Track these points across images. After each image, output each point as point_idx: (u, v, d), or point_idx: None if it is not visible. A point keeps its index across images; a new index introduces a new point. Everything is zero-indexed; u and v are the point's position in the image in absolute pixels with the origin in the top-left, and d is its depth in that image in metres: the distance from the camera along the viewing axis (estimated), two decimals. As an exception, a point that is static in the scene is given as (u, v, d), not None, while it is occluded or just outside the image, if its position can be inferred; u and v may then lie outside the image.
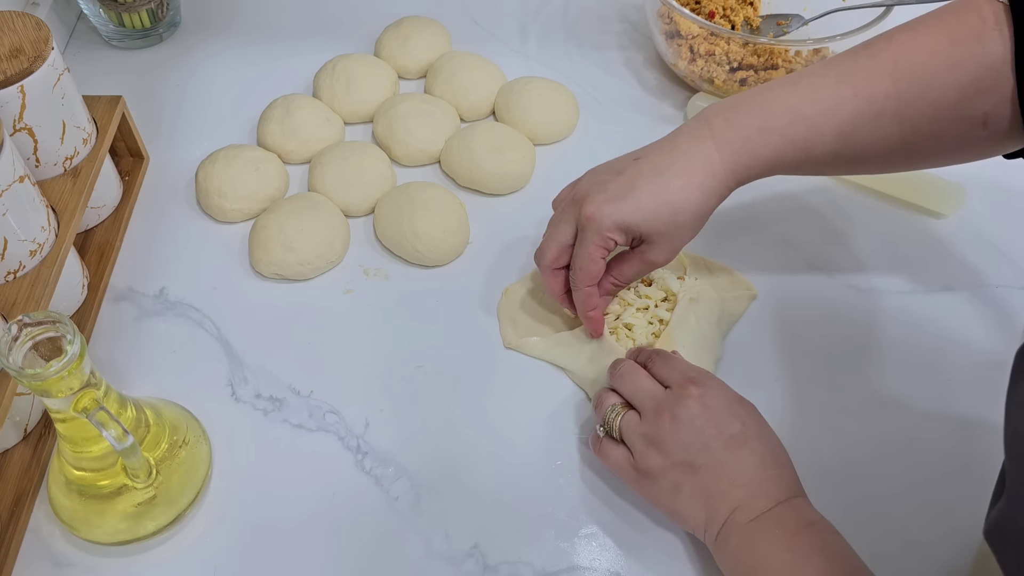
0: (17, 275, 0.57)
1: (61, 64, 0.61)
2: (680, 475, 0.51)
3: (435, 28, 0.84)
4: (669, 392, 0.53)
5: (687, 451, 0.51)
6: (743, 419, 0.52)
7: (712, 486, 0.50)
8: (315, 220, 0.68)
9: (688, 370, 0.54)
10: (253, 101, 0.79)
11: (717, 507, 0.50)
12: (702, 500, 0.50)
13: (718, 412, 0.51)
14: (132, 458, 0.48)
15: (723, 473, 0.50)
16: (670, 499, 0.52)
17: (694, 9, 0.83)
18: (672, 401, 0.52)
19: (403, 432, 0.60)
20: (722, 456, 0.50)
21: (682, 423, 0.51)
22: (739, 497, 0.49)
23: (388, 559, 0.54)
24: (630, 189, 0.55)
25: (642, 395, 0.54)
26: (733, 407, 0.52)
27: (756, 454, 0.50)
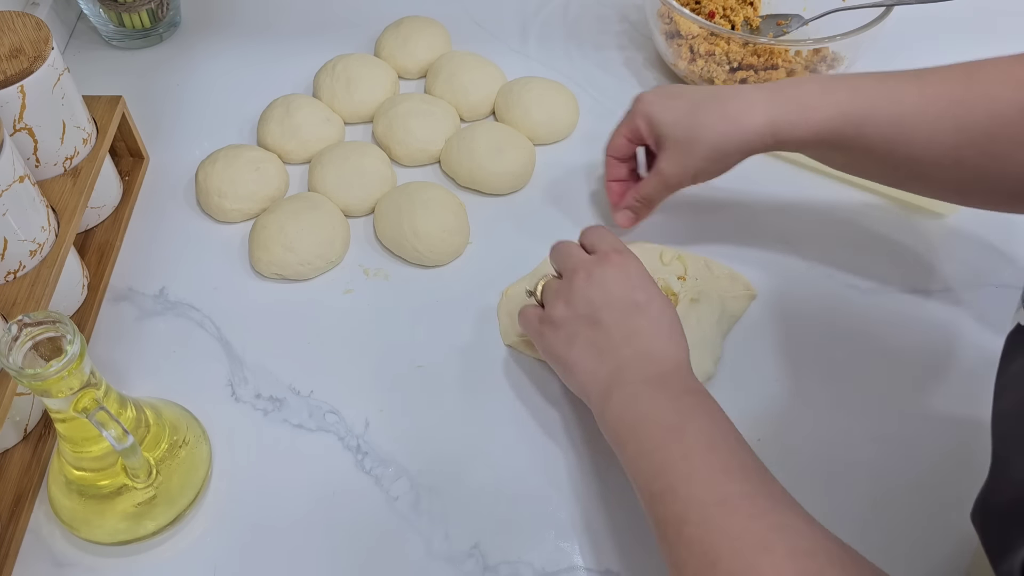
0: (17, 275, 0.57)
1: (61, 64, 0.61)
2: (578, 327, 0.53)
3: (435, 28, 0.84)
4: (592, 256, 0.56)
5: (591, 305, 0.53)
6: (651, 293, 0.54)
7: (605, 342, 0.52)
8: (315, 220, 0.68)
9: (616, 243, 0.57)
10: (253, 101, 0.79)
11: (605, 361, 0.52)
12: (594, 353, 0.52)
13: (629, 280, 0.54)
14: (132, 458, 0.48)
15: (618, 332, 0.52)
16: (564, 347, 0.54)
17: (694, 9, 0.83)
18: (591, 263, 0.55)
19: (403, 432, 0.60)
20: (621, 317, 0.53)
21: (594, 281, 0.54)
22: (627, 356, 0.51)
23: (388, 559, 0.54)
24: (678, 95, 0.60)
25: (567, 260, 0.57)
26: (645, 281, 0.55)
27: (654, 323, 0.53)
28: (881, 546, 0.54)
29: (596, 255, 0.56)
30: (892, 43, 0.82)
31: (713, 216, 0.73)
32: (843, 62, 0.76)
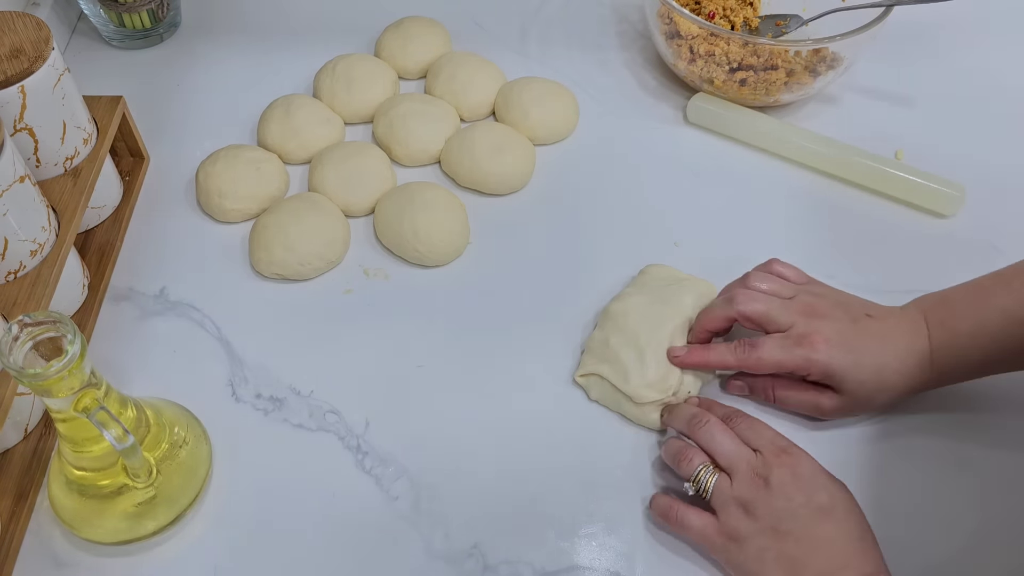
0: (18, 275, 0.58)
1: (61, 64, 0.61)
2: (767, 541, 0.50)
3: (435, 28, 0.84)
4: (761, 456, 0.53)
5: (777, 517, 0.50)
6: (831, 491, 0.51)
7: (797, 553, 0.50)
8: (315, 220, 0.68)
9: (777, 438, 0.54)
10: (253, 101, 0.79)
11: (800, 574, 0.49)
12: (786, 567, 0.50)
13: (808, 481, 0.51)
14: (132, 458, 0.48)
15: (809, 542, 0.50)
16: (755, 565, 0.51)
17: (694, 10, 0.83)
18: (765, 467, 0.52)
19: (403, 432, 0.60)
20: (809, 525, 0.50)
21: (775, 489, 0.51)
22: (822, 568, 0.49)
23: (388, 559, 0.54)
24: (856, 347, 0.56)
25: (734, 457, 0.53)
26: (821, 479, 0.52)
27: (843, 526, 0.50)
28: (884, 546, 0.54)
29: (765, 457, 0.53)
30: (892, 43, 0.82)
31: (713, 216, 0.73)
32: (843, 62, 0.76)
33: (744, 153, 0.78)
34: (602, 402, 0.61)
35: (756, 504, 0.51)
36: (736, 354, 0.58)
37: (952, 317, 0.56)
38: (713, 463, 0.54)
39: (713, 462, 0.54)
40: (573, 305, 0.66)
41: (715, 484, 0.53)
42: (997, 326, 0.55)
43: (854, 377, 0.56)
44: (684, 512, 0.54)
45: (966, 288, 0.58)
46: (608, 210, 0.73)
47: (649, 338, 0.60)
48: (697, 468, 0.54)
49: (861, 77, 0.84)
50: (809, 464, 0.53)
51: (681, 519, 0.54)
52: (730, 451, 0.54)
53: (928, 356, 0.56)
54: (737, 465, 0.53)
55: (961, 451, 0.59)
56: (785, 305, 0.58)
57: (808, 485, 0.51)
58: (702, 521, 0.53)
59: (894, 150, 0.77)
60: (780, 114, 0.81)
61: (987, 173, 0.75)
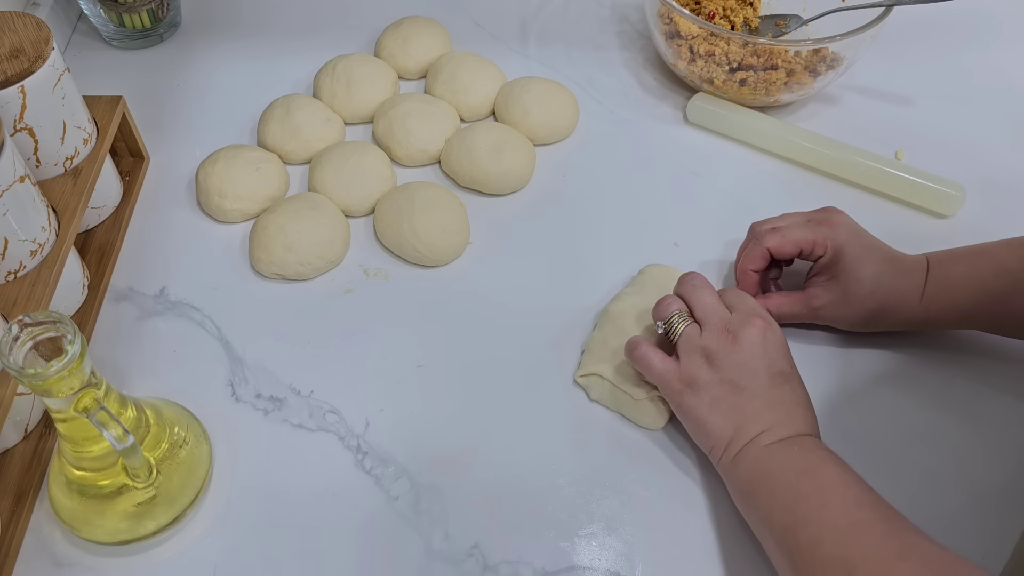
0: (18, 275, 0.58)
1: (61, 64, 0.61)
2: (723, 391, 0.54)
3: (435, 28, 0.84)
4: (736, 315, 0.56)
5: (738, 371, 0.54)
6: (791, 362, 0.55)
7: (748, 407, 0.53)
8: (315, 220, 0.68)
9: (757, 307, 0.57)
10: (253, 101, 0.79)
11: (746, 426, 0.53)
12: (735, 418, 0.53)
13: (774, 347, 0.55)
14: (132, 458, 0.48)
15: (763, 399, 0.53)
16: (705, 411, 0.54)
17: (694, 10, 0.83)
18: (738, 324, 0.55)
19: (403, 432, 0.60)
20: (766, 384, 0.53)
21: (742, 345, 0.54)
22: (768, 421, 0.52)
23: (388, 559, 0.54)
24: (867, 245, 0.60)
25: (710, 310, 0.56)
26: (786, 350, 0.56)
27: (796, 393, 0.54)
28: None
29: (739, 315, 0.55)
30: (892, 43, 0.82)
31: (713, 216, 0.73)
32: (843, 62, 0.76)
33: (744, 153, 0.78)
34: (602, 402, 0.61)
35: (720, 355, 0.54)
36: (761, 240, 0.62)
37: (950, 260, 0.60)
38: (690, 315, 0.57)
39: (691, 314, 0.57)
40: (573, 305, 0.66)
41: (684, 330, 0.56)
42: (988, 273, 0.58)
43: (857, 269, 0.59)
44: (648, 350, 0.57)
45: (971, 246, 0.61)
46: (608, 210, 0.73)
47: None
48: (672, 312, 0.57)
49: (861, 77, 0.84)
50: (779, 333, 0.55)
51: (645, 356, 0.57)
52: (707, 304, 0.57)
53: (922, 288, 0.59)
54: (710, 318, 0.56)
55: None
56: (801, 212, 0.64)
57: (774, 350, 0.54)
58: (664, 364, 0.56)
59: (894, 150, 0.78)
60: (780, 114, 0.81)
61: (987, 173, 0.75)
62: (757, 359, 0.54)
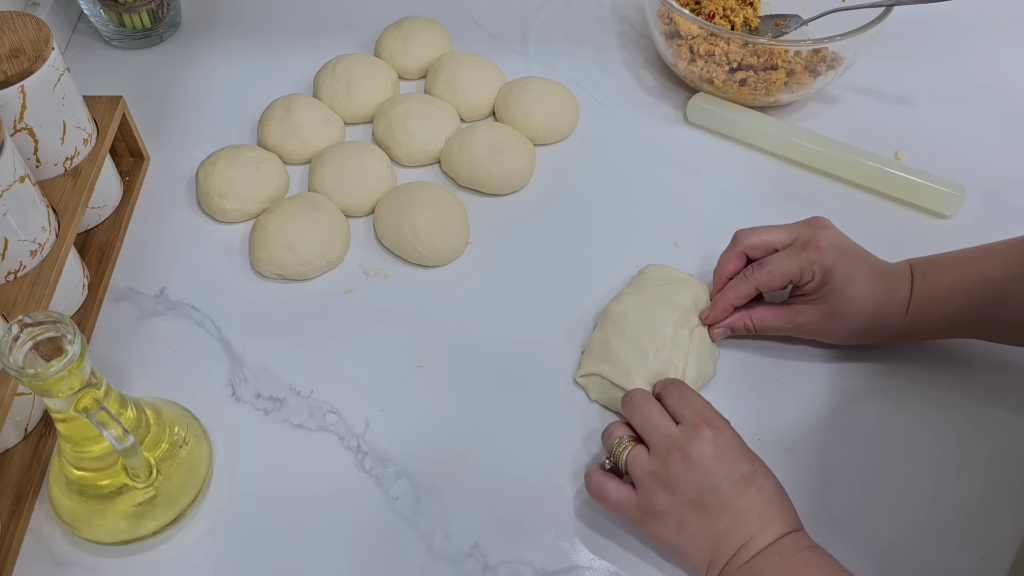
0: (18, 275, 0.58)
1: (61, 64, 0.61)
2: (688, 514, 0.51)
3: (435, 28, 0.84)
4: (681, 429, 0.52)
5: (696, 491, 0.50)
6: (752, 460, 0.52)
7: (719, 524, 0.50)
8: (315, 220, 0.68)
9: (702, 408, 0.53)
10: (253, 101, 0.79)
11: (722, 545, 0.50)
12: (708, 538, 0.50)
13: (729, 453, 0.51)
14: (132, 458, 0.48)
15: (731, 512, 0.50)
16: (675, 536, 0.51)
17: (694, 10, 0.83)
18: (684, 440, 0.51)
19: (403, 432, 0.60)
20: (731, 496, 0.50)
21: (694, 463, 0.51)
22: (744, 535, 0.50)
23: (388, 559, 0.54)
24: (854, 261, 0.59)
25: (652, 430, 0.53)
26: (743, 450, 0.52)
27: (763, 492, 0.51)
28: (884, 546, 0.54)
29: (686, 429, 0.52)
30: (892, 43, 0.82)
31: (712, 216, 0.73)
32: (843, 62, 0.76)
33: (744, 153, 0.78)
34: (602, 402, 0.61)
35: (674, 479, 0.51)
36: (749, 279, 0.60)
37: (935, 271, 0.59)
38: (635, 437, 0.54)
39: (636, 436, 0.54)
40: (573, 305, 0.66)
41: (629, 456, 0.53)
42: (974, 282, 0.58)
43: (845, 289, 0.58)
44: (603, 483, 0.53)
45: (954, 252, 0.60)
46: (608, 210, 0.73)
47: (650, 338, 0.60)
48: (615, 439, 0.54)
49: (861, 77, 0.84)
50: (730, 435, 0.53)
51: (600, 489, 0.53)
52: (648, 423, 0.53)
53: (907, 300, 0.59)
54: (654, 439, 0.52)
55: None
56: (786, 225, 0.62)
57: (730, 457, 0.51)
58: (619, 494, 0.53)
59: (894, 150, 0.78)
60: (780, 114, 0.81)
61: (987, 173, 0.75)
62: (714, 473, 0.50)
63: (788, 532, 0.50)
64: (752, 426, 0.60)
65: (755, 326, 0.62)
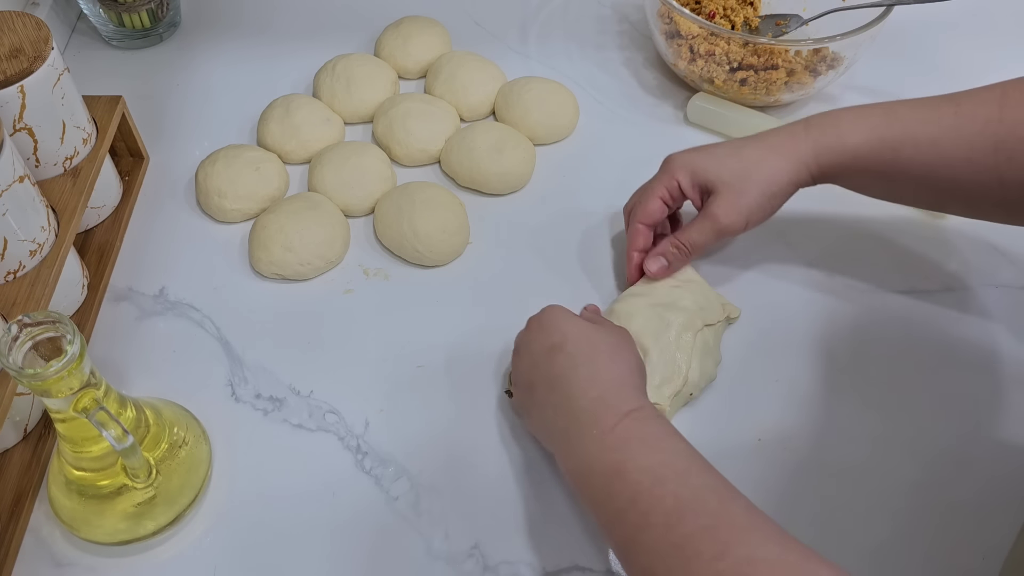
0: (17, 275, 0.57)
1: (61, 64, 0.61)
2: (525, 398, 0.54)
3: (435, 28, 0.84)
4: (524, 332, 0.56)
5: (524, 375, 0.54)
6: (564, 330, 0.53)
7: (543, 400, 0.52)
8: (315, 220, 0.68)
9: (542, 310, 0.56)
10: (253, 101, 0.79)
11: (549, 420, 0.51)
12: (542, 417, 0.52)
13: (542, 330, 0.53)
14: (132, 458, 0.48)
15: (545, 386, 0.52)
16: (528, 422, 0.54)
17: (694, 9, 0.83)
18: (519, 337, 0.56)
19: (403, 432, 0.60)
20: (545, 370, 0.52)
21: (520, 352, 0.55)
22: (556, 404, 0.50)
23: (388, 559, 0.54)
24: (711, 148, 0.60)
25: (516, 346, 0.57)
26: (556, 320, 0.53)
27: (572, 360, 0.51)
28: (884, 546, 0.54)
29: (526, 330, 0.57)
30: (892, 43, 0.82)
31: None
32: (843, 62, 0.76)
33: (744, 153, 0.78)
34: None
35: (515, 372, 0.55)
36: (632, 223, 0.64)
37: (836, 113, 0.58)
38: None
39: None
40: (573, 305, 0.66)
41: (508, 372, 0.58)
42: (879, 120, 0.56)
43: (712, 165, 0.59)
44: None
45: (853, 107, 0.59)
46: (608, 210, 0.73)
47: (653, 340, 0.59)
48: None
49: (861, 77, 0.84)
50: (550, 313, 0.54)
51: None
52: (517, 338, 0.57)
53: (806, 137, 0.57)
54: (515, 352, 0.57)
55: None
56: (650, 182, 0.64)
57: (543, 332, 0.52)
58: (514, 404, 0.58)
59: (894, 150, 0.77)
60: (780, 114, 0.81)
61: (987, 173, 0.75)
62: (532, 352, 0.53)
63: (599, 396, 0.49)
64: (752, 426, 0.60)
65: (683, 243, 0.62)
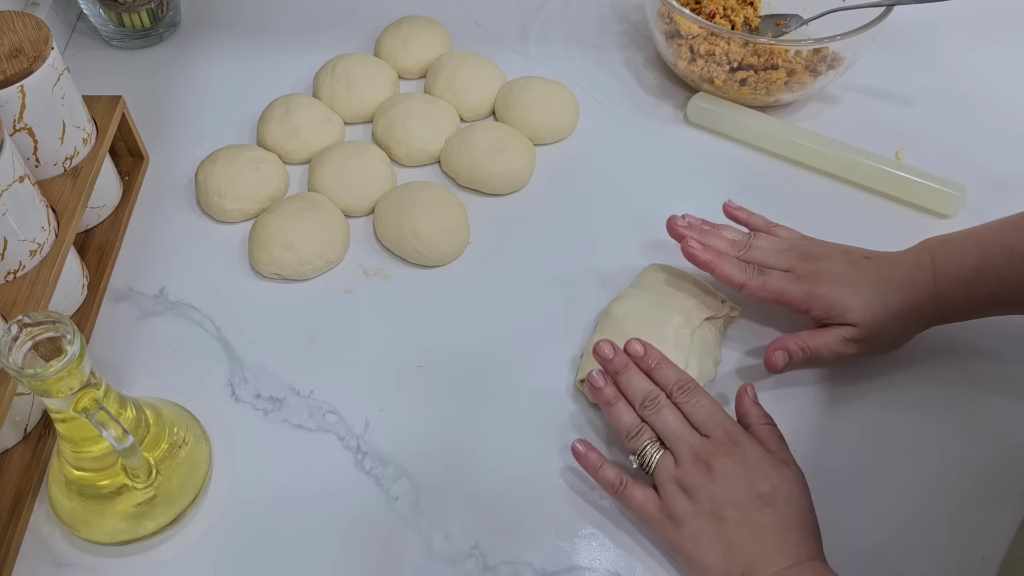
0: (17, 275, 0.57)
1: (61, 64, 0.61)
2: (705, 523, 0.51)
3: (435, 28, 0.84)
4: (707, 442, 0.53)
5: (716, 502, 0.51)
6: (774, 481, 0.52)
7: (733, 537, 0.50)
8: (315, 220, 0.68)
9: (726, 423, 0.54)
10: (253, 101, 0.79)
11: (735, 558, 0.50)
12: (720, 550, 0.50)
13: (752, 471, 0.52)
14: (132, 458, 0.48)
15: (746, 527, 0.50)
16: (690, 545, 0.52)
17: (694, 9, 0.83)
18: (710, 453, 0.52)
19: (403, 432, 0.60)
20: (748, 511, 0.51)
21: (717, 476, 0.52)
22: (757, 553, 0.49)
23: (388, 559, 0.54)
24: (855, 280, 0.59)
25: (678, 440, 0.54)
26: (766, 468, 0.52)
27: (781, 515, 0.51)
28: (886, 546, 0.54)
29: (712, 443, 0.53)
30: (892, 43, 0.82)
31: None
32: (843, 62, 0.76)
33: (744, 153, 0.78)
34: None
35: (696, 488, 0.52)
36: (745, 273, 0.60)
37: (958, 252, 0.58)
38: (661, 443, 0.55)
39: (659, 439, 0.55)
40: (573, 305, 0.66)
41: (659, 461, 0.54)
42: (1002, 263, 0.57)
43: (858, 305, 0.58)
44: (631, 487, 0.54)
45: (974, 229, 0.60)
46: (608, 210, 0.73)
47: (650, 340, 0.59)
48: (644, 444, 0.55)
49: (861, 77, 0.84)
50: (755, 454, 0.53)
51: (626, 493, 0.54)
52: (676, 432, 0.54)
53: (933, 286, 0.58)
54: (680, 447, 0.54)
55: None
56: (783, 252, 0.62)
57: (751, 474, 0.52)
58: (645, 497, 0.54)
59: (895, 150, 0.77)
60: (780, 114, 0.81)
61: (987, 173, 0.75)
62: (735, 487, 0.51)
63: (807, 559, 0.49)
64: (752, 426, 0.60)
65: (809, 349, 0.60)
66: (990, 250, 0.58)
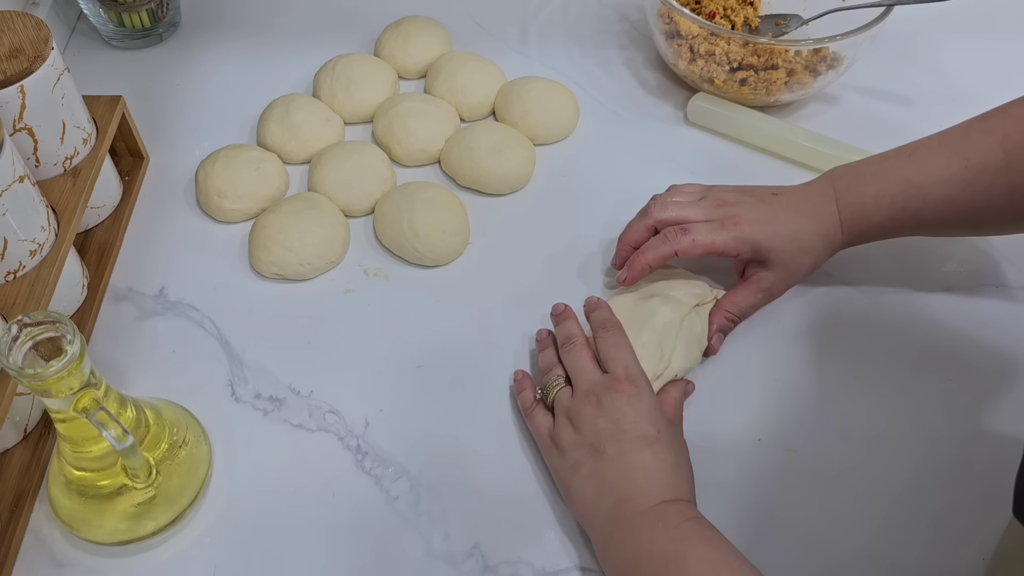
0: (17, 275, 0.57)
1: (61, 64, 0.61)
2: (583, 454, 0.53)
3: (435, 28, 0.84)
4: (606, 378, 0.55)
5: (597, 435, 0.53)
6: (660, 427, 0.54)
7: (607, 472, 0.52)
8: (315, 220, 0.68)
9: (630, 365, 0.56)
10: (253, 101, 0.79)
11: (606, 495, 0.52)
12: (594, 484, 0.52)
13: (640, 413, 0.54)
14: (132, 458, 0.48)
15: (620, 465, 0.52)
16: (568, 474, 0.54)
17: (694, 9, 0.83)
18: (605, 388, 0.55)
19: (403, 432, 0.60)
20: (627, 448, 0.52)
21: (604, 409, 0.54)
22: (626, 491, 0.51)
23: (388, 559, 0.54)
24: (772, 219, 0.61)
25: (580, 375, 0.57)
26: (655, 415, 0.54)
27: (658, 458, 0.52)
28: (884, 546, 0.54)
29: (608, 379, 0.55)
30: (892, 43, 0.82)
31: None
32: (843, 62, 0.76)
33: (744, 153, 0.78)
34: None
35: (582, 418, 0.54)
36: (670, 242, 0.61)
37: (858, 183, 0.61)
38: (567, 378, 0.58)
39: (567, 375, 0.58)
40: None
41: (557, 394, 0.57)
42: (897, 190, 0.60)
43: (777, 245, 0.60)
44: (534, 411, 0.58)
45: (872, 159, 0.63)
46: (608, 210, 0.73)
47: (639, 328, 0.60)
48: (552, 379, 0.58)
49: (861, 77, 0.84)
50: (650, 400, 0.54)
51: (532, 415, 0.58)
52: (577, 367, 0.57)
53: (838, 217, 0.61)
54: (578, 381, 0.56)
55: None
56: (697, 203, 0.63)
57: (638, 415, 0.53)
58: (543, 422, 0.57)
59: (894, 150, 0.77)
60: (780, 114, 0.81)
61: (987, 173, 0.75)
62: (619, 424, 0.53)
63: (673, 499, 0.51)
64: (752, 426, 0.60)
65: (735, 313, 0.63)
66: (886, 179, 0.60)
